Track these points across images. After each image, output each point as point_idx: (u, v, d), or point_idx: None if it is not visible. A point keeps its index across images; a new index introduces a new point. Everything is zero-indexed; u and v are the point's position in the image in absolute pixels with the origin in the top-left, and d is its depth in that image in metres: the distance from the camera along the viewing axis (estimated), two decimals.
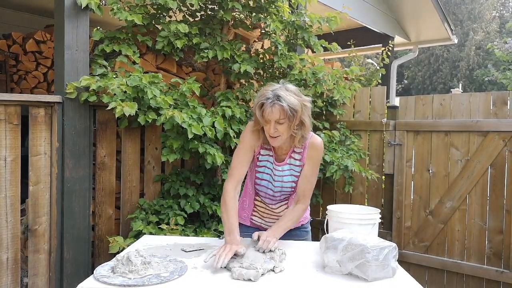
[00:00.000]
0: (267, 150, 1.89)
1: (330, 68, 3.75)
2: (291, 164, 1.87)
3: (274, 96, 1.68)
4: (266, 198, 1.95)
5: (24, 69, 4.04)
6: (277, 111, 1.67)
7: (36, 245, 2.45)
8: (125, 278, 1.41)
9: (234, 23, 3.25)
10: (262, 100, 1.70)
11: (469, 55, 22.64)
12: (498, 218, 3.08)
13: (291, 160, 1.87)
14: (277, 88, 1.72)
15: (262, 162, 1.89)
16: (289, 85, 1.76)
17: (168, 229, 2.58)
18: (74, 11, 2.49)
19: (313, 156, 1.85)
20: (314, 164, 1.86)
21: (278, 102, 1.66)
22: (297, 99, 1.70)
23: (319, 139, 1.87)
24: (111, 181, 2.76)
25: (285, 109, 1.66)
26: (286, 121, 1.69)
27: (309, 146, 1.84)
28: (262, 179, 1.91)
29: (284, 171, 1.87)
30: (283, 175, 1.88)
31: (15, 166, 2.32)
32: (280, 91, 1.70)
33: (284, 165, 1.87)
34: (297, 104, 1.68)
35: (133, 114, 2.42)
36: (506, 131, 3.02)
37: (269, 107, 1.67)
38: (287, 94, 1.68)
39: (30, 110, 2.39)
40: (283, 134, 1.73)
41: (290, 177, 1.87)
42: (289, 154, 1.87)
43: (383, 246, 1.48)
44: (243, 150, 1.86)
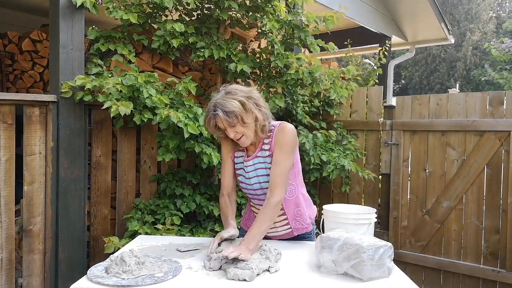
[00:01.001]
0: (240, 151, 1.92)
1: (327, 68, 3.74)
2: (263, 156, 1.83)
3: (213, 107, 1.71)
4: (254, 199, 1.94)
5: (20, 69, 4.02)
6: (220, 120, 1.70)
7: (31, 245, 2.43)
8: (118, 279, 1.40)
9: (230, 22, 3.24)
10: (207, 114, 1.75)
11: (466, 55, 22.70)
12: (495, 218, 3.09)
13: (262, 151, 1.84)
14: (218, 96, 1.73)
15: (238, 164, 1.92)
16: (229, 87, 1.76)
17: (164, 229, 2.57)
18: (69, 10, 2.48)
19: (279, 139, 1.77)
20: (282, 148, 1.76)
21: (214, 112, 1.69)
22: (235, 99, 1.69)
23: (288, 124, 1.81)
24: (106, 181, 2.75)
25: (220, 116, 1.68)
26: (236, 123, 1.70)
27: (276, 132, 1.79)
28: (241, 181, 1.92)
29: (255, 164, 1.84)
30: (256, 169, 1.84)
31: (9, 166, 2.31)
32: (219, 99, 1.71)
33: (254, 158, 1.84)
34: (234, 105, 1.67)
35: (129, 114, 2.41)
36: (503, 131, 3.03)
37: (212, 119, 1.71)
38: (224, 100, 1.69)
39: (25, 110, 2.37)
40: (244, 133, 1.74)
41: (265, 170, 1.83)
42: (260, 146, 1.85)
43: (378, 245, 1.47)
44: (223, 161, 1.97)
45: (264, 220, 1.68)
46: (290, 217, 1.89)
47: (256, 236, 1.64)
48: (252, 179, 1.85)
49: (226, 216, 1.87)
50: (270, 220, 1.71)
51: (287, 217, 1.89)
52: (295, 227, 1.91)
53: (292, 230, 1.92)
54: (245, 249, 1.56)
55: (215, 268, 1.53)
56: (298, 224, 1.92)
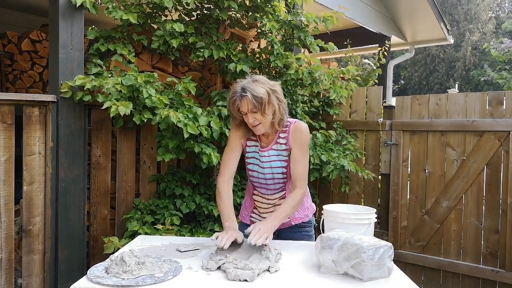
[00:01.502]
0: (253, 141, 1.97)
1: (326, 68, 3.74)
2: (278, 149, 1.93)
3: (240, 89, 1.78)
4: (261, 188, 1.99)
5: (19, 69, 4.02)
6: (245, 102, 1.77)
7: (31, 245, 2.43)
8: (118, 279, 1.40)
9: (230, 22, 3.24)
10: (233, 96, 1.80)
11: (465, 55, 22.72)
12: (494, 218, 3.09)
13: (277, 145, 1.93)
14: (244, 82, 1.82)
15: (250, 153, 1.98)
16: (256, 76, 1.86)
17: (164, 229, 2.57)
18: (69, 10, 2.48)
19: (298, 138, 1.89)
20: (301, 146, 1.89)
21: (243, 94, 1.76)
22: (263, 87, 1.79)
23: (303, 124, 1.93)
24: (106, 181, 2.75)
25: (249, 98, 1.75)
26: (259, 109, 1.78)
27: (293, 130, 1.90)
28: (252, 170, 1.97)
29: (270, 156, 1.93)
30: (271, 160, 1.92)
31: (9, 166, 2.30)
32: (247, 83, 1.80)
33: (269, 150, 1.93)
34: (262, 92, 1.77)
35: (128, 114, 2.40)
36: (502, 131, 3.03)
37: (238, 100, 1.78)
38: (252, 85, 1.78)
39: (24, 110, 2.37)
40: (262, 121, 1.82)
41: (279, 162, 1.92)
42: (275, 139, 1.93)
43: (378, 245, 1.47)
44: (230, 146, 1.96)
45: (291, 205, 1.83)
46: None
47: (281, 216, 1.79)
48: (266, 169, 1.94)
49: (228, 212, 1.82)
50: (295, 208, 1.86)
51: None
52: (293, 216, 2.00)
53: (290, 219, 1.99)
54: (270, 225, 1.70)
55: (212, 268, 1.53)
56: (296, 213, 2.00)
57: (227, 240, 1.62)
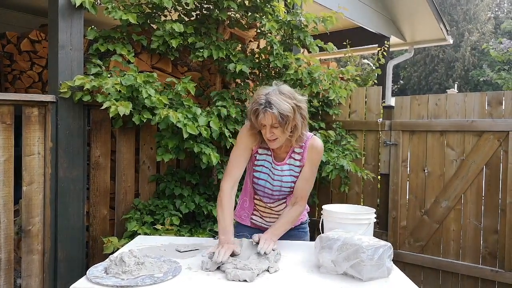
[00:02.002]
0: (265, 149, 1.90)
1: (325, 68, 3.74)
2: (291, 164, 1.88)
3: (266, 102, 1.68)
4: (264, 197, 1.95)
5: (18, 69, 4.01)
6: (269, 117, 1.69)
7: (30, 245, 2.43)
8: (118, 279, 1.40)
9: (229, 22, 3.24)
10: (255, 106, 1.71)
11: (465, 55, 22.74)
12: (493, 218, 3.09)
13: (291, 160, 1.88)
14: (270, 92, 1.72)
15: (260, 161, 1.91)
16: (282, 87, 1.76)
17: (163, 230, 2.57)
18: (68, 10, 2.47)
19: (313, 158, 1.87)
20: (313, 166, 1.88)
21: (269, 109, 1.67)
22: (289, 104, 1.70)
23: (320, 142, 1.89)
24: (105, 181, 2.75)
25: (275, 115, 1.67)
26: (279, 125, 1.70)
27: (309, 148, 1.86)
28: (260, 178, 1.91)
29: (283, 171, 1.88)
30: (283, 175, 1.88)
31: (8, 166, 2.30)
32: (273, 96, 1.70)
33: (284, 165, 1.88)
34: (288, 109, 1.68)
35: (128, 114, 2.40)
36: (501, 131, 3.03)
37: (261, 113, 1.69)
38: (279, 99, 1.68)
39: (24, 110, 2.37)
40: (279, 137, 1.75)
41: (290, 177, 1.88)
42: (289, 154, 1.88)
43: (378, 245, 1.48)
44: (239, 149, 1.86)
45: (289, 222, 1.86)
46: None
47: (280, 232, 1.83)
48: (275, 182, 1.90)
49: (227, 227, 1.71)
50: (292, 223, 1.91)
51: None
52: None
53: None
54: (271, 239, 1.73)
55: (212, 269, 1.53)
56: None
57: (224, 254, 1.56)
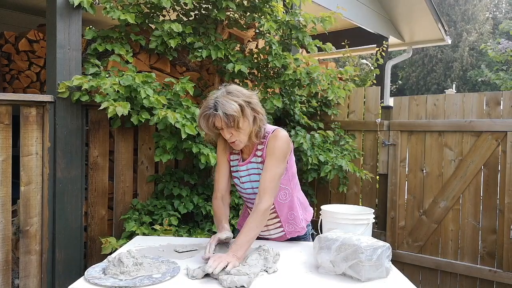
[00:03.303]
0: (236, 154, 1.89)
1: (324, 68, 3.75)
2: (256, 162, 1.84)
3: (213, 105, 1.67)
4: (248, 202, 1.94)
5: (16, 69, 4.00)
6: (218, 120, 1.66)
7: (28, 246, 2.42)
8: (116, 280, 1.39)
9: (228, 22, 3.23)
10: (205, 111, 1.69)
11: (463, 55, 22.77)
12: (492, 218, 3.09)
13: (255, 157, 1.84)
14: (218, 95, 1.70)
15: (234, 167, 1.91)
16: (230, 87, 1.74)
17: (162, 230, 2.56)
18: (67, 9, 2.47)
19: (271, 147, 1.75)
20: (272, 154, 1.74)
21: (214, 111, 1.66)
22: (236, 101, 1.66)
23: (282, 130, 1.80)
24: (104, 181, 2.74)
25: (221, 117, 1.64)
26: (232, 125, 1.67)
27: (269, 139, 1.78)
28: (236, 184, 1.92)
29: (249, 169, 1.84)
30: (250, 174, 1.84)
31: (6, 166, 2.29)
32: (220, 98, 1.67)
33: (247, 163, 1.84)
34: (234, 108, 1.64)
35: (126, 114, 2.40)
36: (499, 131, 3.04)
37: (211, 117, 1.67)
38: (225, 100, 1.66)
39: (22, 110, 2.36)
40: (239, 137, 1.72)
41: (257, 176, 1.81)
42: (253, 152, 1.84)
43: (376, 246, 1.47)
44: (217, 163, 1.94)
45: (252, 228, 1.63)
46: (283, 220, 1.90)
47: (244, 244, 1.59)
48: (245, 184, 1.86)
49: (219, 220, 1.82)
50: (258, 228, 1.66)
51: (280, 219, 1.90)
52: (288, 230, 1.92)
53: (285, 233, 1.93)
54: (233, 256, 1.52)
55: (198, 276, 1.45)
56: (291, 227, 1.92)
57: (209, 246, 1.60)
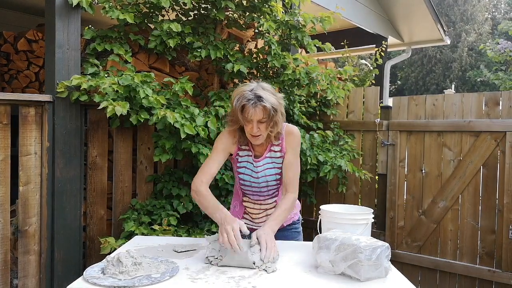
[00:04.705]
0: (246, 150, 1.92)
1: (323, 68, 3.75)
2: (272, 157, 1.90)
3: (255, 96, 1.70)
4: (254, 195, 1.97)
5: (15, 69, 4.00)
6: (260, 111, 1.70)
7: (26, 246, 2.42)
8: (115, 279, 1.39)
9: (227, 22, 3.23)
10: (243, 101, 1.71)
11: (462, 56, 22.81)
12: (491, 218, 3.10)
13: (271, 153, 1.90)
14: (254, 87, 1.74)
15: (242, 162, 1.93)
16: (263, 84, 1.78)
17: (161, 230, 2.56)
18: (65, 9, 2.47)
19: (291, 142, 1.88)
20: (293, 150, 1.88)
21: (260, 102, 1.69)
22: (275, 98, 1.74)
23: (294, 127, 1.91)
24: (102, 181, 2.74)
25: (268, 108, 1.69)
26: (267, 120, 1.73)
27: (286, 135, 1.88)
28: (244, 179, 1.93)
29: (265, 164, 1.90)
30: (265, 169, 1.90)
31: (4, 166, 2.29)
32: (259, 90, 1.72)
33: (264, 159, 1.90)
34: (277, 104, 1.73)
35: (125, 114, 2.39)
36: (498, 131, 3.04)
37: (251, 108, 1.70)
38: (266, 94, 1.71)
39: (20, 110, 2.36)
40: (263, 133, 1.78)
41: (273, 169, 1.90)
42: (268, 148, 1.90)
43: (375, 246, 1.47)
44: (216, 149, 1.88)
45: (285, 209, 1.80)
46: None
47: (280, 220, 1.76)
48: (261, 178, 1.91)
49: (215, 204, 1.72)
50: (289, 211, 1.83)
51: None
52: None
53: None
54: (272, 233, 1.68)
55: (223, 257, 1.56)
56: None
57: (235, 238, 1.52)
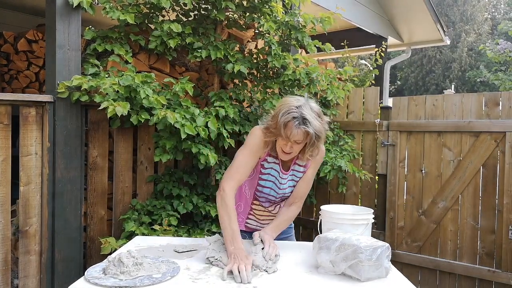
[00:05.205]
0: (274, 157, 1.83)
1: (323, 69, 3.75)
2: (294, 170, 1.89)
3: (300, 117, 1.61)
4: (266, 202, 1.95)
5: (15, 69, 4.00)
6: (302, 134, 1.62)
7: (27, 246, 2.42)
8: (116, 280, 1.40)
9: (227, 23, 3.24)
10: (288, 118, 1.61)
11: (461, 56, 22.81)
12: (490, 218, 3.10)
13: (295, 166, 1.88)
14: (301, 104, 1.64)
15: (267, 169, 1.85)
16: (312, 104, 1.68)
17: (161, 230, 2.57)
18: (66, 10, 2.47)
19: (317, 162, 1.91)
20: (316, 169, 1.94)
21: (304, 126, 1.60)
22: (320, 123, 1.65)
23: (322, 146, 1.84)
24: (103, 181, 2.74)
25: (310, 134, 1.62)
26: (305, 144, 1.68)
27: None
28: (265, 186, 1.87)
29: (289, 176, 1.90)
30: (287, 180, 1.90)
31: (5, 167, 2.29)
32: (306, 110, 1.62)
33: (290, 171, 1.89)
34: (321, 130, 1.65)
35: (126, 114, 2.40)
36: (498, 132, 3.04)
37: (295, 128, 1.61)
38: (312, 117, 1.62)
39: (21, 110, 2.36)
40: (295, 153, 1.74)
41: (292, 182, 1.91)
42: (294, 161, 1.86)
43: (376, 246, 1.48)
44: (249, 155, 1.77)
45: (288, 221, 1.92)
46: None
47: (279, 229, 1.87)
48: (281, 190, 1.90)
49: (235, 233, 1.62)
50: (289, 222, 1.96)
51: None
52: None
53: None
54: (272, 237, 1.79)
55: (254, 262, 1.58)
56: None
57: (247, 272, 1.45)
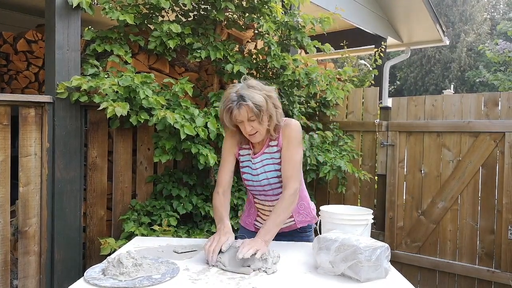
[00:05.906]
0: (246, 149, 1.90)
1: (323, 69, 3.75)
2: (269, 152, 1.85)
3: (238, 97, 1.69)
4: (260, 195, 1.93)
5: (15, 69, 4.00)
6: (244, 111, 1.68)
7: (26, 247, 2.42)
8: (115, 280, 1.39)
9: (227, 23, 3.24)
10: (228, 104, 1.70)
11: (461, 56, 22.82)
12: (490, 218, 3.10)
13: (269, 148, 1.85)
14: (239, 88, 1.72)
15: (244, 162, 1.91)
16: (250, 81, 1.75)
17: (161, 230, 2.57)
18: (65, 10, 2.47)
19: (286, 135, 1.80)
20: (289, 142, 1.80)
21: (243, 102, 1.67)
22: (260, 94, 1.70)
23: (293, 120, 1.85)
24: (102, 182, 2.74)
25: (250, 107, 1.67)
26: (255, 117, 1.70)
27: (283, 128, 1.82)
28: (247, 179, 1.91)
29: (262, 160, 1.86)
30: (264, 165, 1.86)
31: (4, 167, 2.29)
32: (243, 90, 1.70)
33: (261, 154, 1.86)
34: (261, 100, 1.69)
35: (125, 115, 2.40)
36: (498, 132, 3.05)
37: (236, 109, 1.69)
38: (250, 92, 1.69)
39: (20, 110, 2.36)
40: (259, 130, 1.75)
41: (272, 166, 1.85)
42: (266, 143, 1.86)
43: (375, 246, 1.48)
44: (222, 158, 1.90)
45: (278, 213, 1.71)
46: (294, 210, 1.93)
47: (272, 228, 1.68)
48: (260, 175, 1.87)
49: (220, 215, 1.78)
50: (285, 212, 1.73)
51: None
52: (298, 220, 1.96)
53: (295, 222, 1.96)
54: (261, 241, 1.59)
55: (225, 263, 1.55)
56: (302, 217, 1.97)
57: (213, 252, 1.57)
